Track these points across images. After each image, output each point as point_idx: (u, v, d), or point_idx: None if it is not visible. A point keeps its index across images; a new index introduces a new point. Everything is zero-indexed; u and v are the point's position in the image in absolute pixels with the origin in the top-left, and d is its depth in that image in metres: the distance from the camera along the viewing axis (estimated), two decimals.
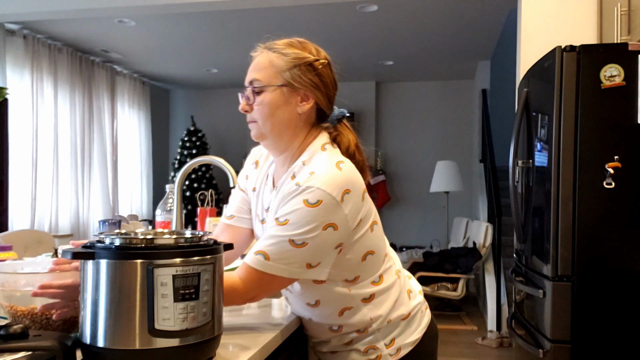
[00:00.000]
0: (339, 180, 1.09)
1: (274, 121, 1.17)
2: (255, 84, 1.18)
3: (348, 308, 1.19)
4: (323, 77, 1.20)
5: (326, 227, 1.08)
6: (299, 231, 1.07)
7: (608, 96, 2.06)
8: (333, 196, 1.07)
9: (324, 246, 1.09)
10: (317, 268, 1.11)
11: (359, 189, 1.13)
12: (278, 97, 1.16)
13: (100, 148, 6.27)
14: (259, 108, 1.17)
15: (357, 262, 1.17)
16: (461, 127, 7.36)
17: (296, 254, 1.08)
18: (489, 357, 4.06)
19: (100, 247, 0.88)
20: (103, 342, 0.86)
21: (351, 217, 1.11)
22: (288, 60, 1.17)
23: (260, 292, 1.12)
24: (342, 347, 1.25)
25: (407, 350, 1.24)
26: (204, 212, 2.37)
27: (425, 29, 5.12)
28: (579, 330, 2.07)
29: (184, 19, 4.87)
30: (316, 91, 1.18)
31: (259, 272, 1.09)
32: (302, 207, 1.07)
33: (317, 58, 1.20)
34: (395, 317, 1.23)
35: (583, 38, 2.88)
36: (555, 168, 2.11)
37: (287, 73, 1.16)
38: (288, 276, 1.09)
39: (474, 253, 4.91)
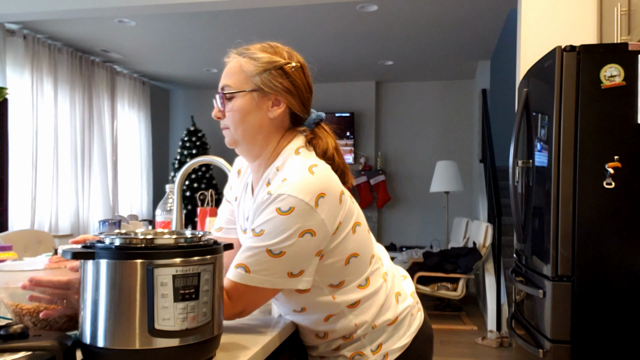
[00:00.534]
0: (312, 185, 1.07)
1: (245, 127, 1.16)
2: (225, 89, 1.17)
3: (333, 314, 1.18)
4: (295, 81, 1.17)
5: (302, 233, 1.05)
6: (274, 240, 1.05)
7: (608, 96, 2.06)
8: (306, 202, 1.05)
9: (303, 254, 1.07)
10: (299, 277, 1.09)
11: (334, 192, 1.10)
12: (248, 103, 1.15)
13: (100, 148, 6.27)
14: (230, 114, 1.16)
15: (340, 266, 1.15)
16: (461, 127, 7.36)
17: (276, 264, 1.06)
18: (489, 357, 4.06)
19: (100, 247, 0.88)
20: (103, 342, 0.86)
21: (329, 221, 1.08)
22: (258, 65, 1.16)
23: (247, 305, 1.10)
24: (330, 353, 1.24)
25: (395, 356, 1.21)
26: (204, 212, 2.37)
27: (425, 28, 5.12)
28: (578, 330, 2.07)
29: (184, 19, 4.87)
30: (288, 95, 1.16)
31: (242, 286, 1.07)
32: (275, 216, 1.05)
33: (288, 62, 1.18)
34: (381, 322, 1.20)
35: (583, 38, 2.88)
36: (555, 168, 2.11)
37: (257, 78, 1.15)
38: (271, 287, 1.07)
39: (474, 253, 4.91)
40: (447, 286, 4.97)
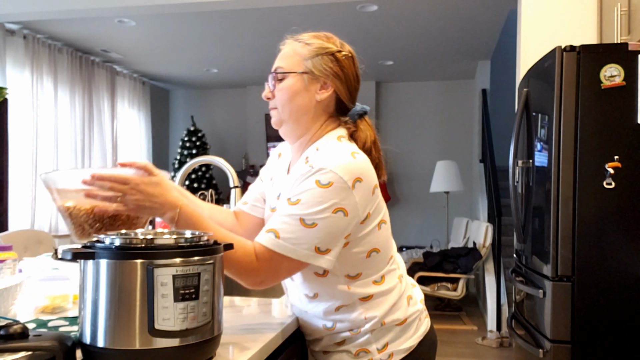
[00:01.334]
0: (352, 168, 1.10)
1: (292, 106, 1.20)
2: (278, 70, 1.22)
3: (345, 305, 1.19)
4: (344, 68, 1.22)
5: (336, 210, 1.08)
6: (309, 211, 1.07)
7: (608, 96, 2.06)
8: (345, 180, 1.08)
9: (333, 230, 1.08)
10: (325, 255, 1.09)
11: (370, 182, 1.13)
12: (298, 84, 1.19)
13: (100, 148, 6.27)
14: (280, 94, 1.21)
15: (361, 258, 1.17)
16: (461, 127, 7.36)
17: (305, 235, 1.07)
18: (489, 357, 4.06)
19: (100, 247, 0.88)
20: (103, 342, 0.86)
21: (361, 206, 1.11)
22: (311, 50, 1.20)
23: (269, 274, 1.09)
24: (334, 347, 1.24)
25: (401, 357, 1.21)
26: None
27: (425, 29, 5.12)
28: (578, 330, 2.07)
29: (184, 19, 4.87)
30: (336, 80, 1.21)
31: (270, 251, 1.08)
32: (314, 188, 1.08)
33: (339, 49, 1.23)
34: (390, 320, 1.21)
35: (583, 38, 2.88)
36: (555, 168, 2.12)
37: (309, 61, 1.20)
38: (296, 258, 1.07)
39: (474, 253, 4.91)
40: (447, 286, 4.97)
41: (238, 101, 8.02)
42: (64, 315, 1.24)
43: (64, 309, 1.29)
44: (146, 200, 1.02)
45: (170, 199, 1.05)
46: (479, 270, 5.32)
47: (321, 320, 1.22)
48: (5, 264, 1.41)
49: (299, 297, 1.25)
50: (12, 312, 1.18)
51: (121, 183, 1.00)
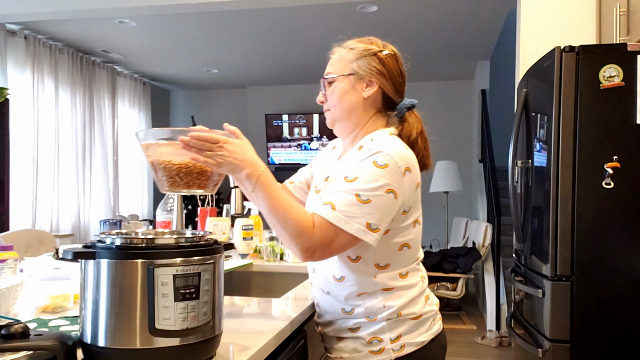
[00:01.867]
0: (405, 156, 1.20)
1: (342, 105, 1.31)
2: (327, 76, 1.34)
3: (367, 292, 1.24)
4: (387, 66, 1.31)
5: (388, 191, 1.16)
6: (365, 187, 1.14)
7: (607, 96, 2.06)
8: (399, 165, 1.17)
9: (384, 209, 1.15)
10: (374, 233, 1.14)
11: (415, 177, 1.23)
12: (346, 85, 1.30)
13: (101, 148, 6.27)
14: (331, 96, 1.32)
15: (394, 249, 1.24)
16: (461, 127, 7.36)
17: (360, 210, 1.13)
18: (489, 356, 4.06)
19: (101, 247, 0.89)
20: (104, 342, 0.87)
21: (407, 194, 1.20)
22: (355, 53, 1.31)
23: (322, 244, 1.13)
24: (347, 333, 1.28)
25: (412, 350, 1.24)
26: (204, 212, 2.38)
27: (425, 29, 5.12)
28: (578, 329, 2.08)
29: (184, 19, 4.87)
30: (380, 77, 1.30)
31: (326, 222, 1.13)
32: (371, 167, 1.16)
33: (381, 49, 1.32)
34: (407, 313, 1.25)
35: (582, 38, 2.89)
36: (555, 168, 2.12)
37: (354, 64, 1.30)
38: (349, 231, 1.12)
39: (474, 253, 4.92)
40: (447, 286, 4.97)
41: (238, 101, 8.02)
42: (64, 314, 1.24)
43: (65, 308, 1.29)
44: (230, 157, 1.08)
45: (250, 158, 1.12)
46: (479, 270, 5.32)
47: (341, 304, 1.27)
48: (6, 264, 1.41)
49: (325, 276, 1.29)
50: (13, 311, 1.18)
51: (212, 142, 1.08)
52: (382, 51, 1.31)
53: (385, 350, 1.23)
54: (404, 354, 1.24)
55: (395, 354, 1.23)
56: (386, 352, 1.23)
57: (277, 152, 7.60)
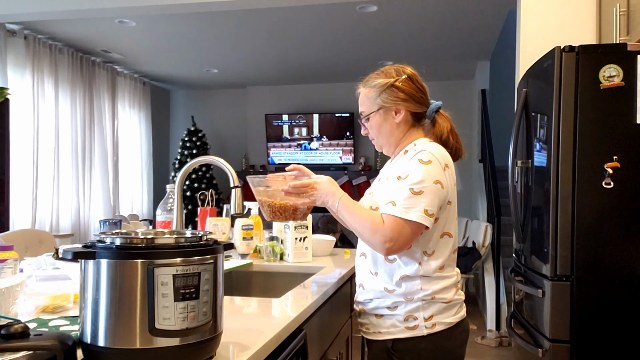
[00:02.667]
0: (443, 154, 1.46)
1: (382, 135, 1.55)
2: (362, 115, 1.57)
3: (409, 276, 1.45)
4: (405, 90, 1.51)
5: (436, 182, 1.39)
6: (416, 180, 1.38)
7: (607, 96, 2.06)
8: (439, 161, 1.42)
9: (435, 197, 1.39)
10: (430, 218, 1.38)
11: (452, 174, 1.47)
12: (379, 119, 1.53)
13: (101, 148, 6.27)
14: (371, 130, 1.56)
15: (437, 236, 1.46)
16: (461, 127, 7.26)
17: (416, 200, 1.37)
18: (488, 356, 4.06)
19: (101, 247, 0.89)
20: (104, 342, 0.87)
21: (449, 185, 1.44)
22: (376, 90, 1.52)
23: (394, 237, 1.36)
24: (385, 311, 1.48)
25: (441, 328, 1.44)
26: (204, 212, 2.38)
27: (425, 29, 5.12)
28: (578, 329, 2.08)
29: (184, 19, 4.87)
30: (404, 103, 1.51)
31: (391, 217, 1.37)
32: (417, 164, 1.41)
33: (396, 79, 1.51)
34: (439, 297, 1.45)
35: (582, 38, 2.88)
36: (555, 168, 2.12)
37: (378, 99, 1.51)
38: (412, 219, 1.35)
39: (474, 253, 4.92)
40: None
41: (238, 101, 8.02)
42: (64, 314, 1.24)
43: (65, 308, 1.29)
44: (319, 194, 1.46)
45: (332, 190, 1.46)
46: (479, 269, 5.32)
47: (385, 283, 1.48)
48: (6, 264, 1.41)
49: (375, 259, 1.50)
50: (13, 311, 1.18)
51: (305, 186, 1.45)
52: (398, 80, 1.50)
53: (419, 327, 1.43)
54: (435, 331, 1.44)
55: (428, 330, 1.43)
56: (420, 328, 1.43)
57: (277, 152, 7.60)
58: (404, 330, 1.44)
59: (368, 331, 1.54)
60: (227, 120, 8.09)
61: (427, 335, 1.43)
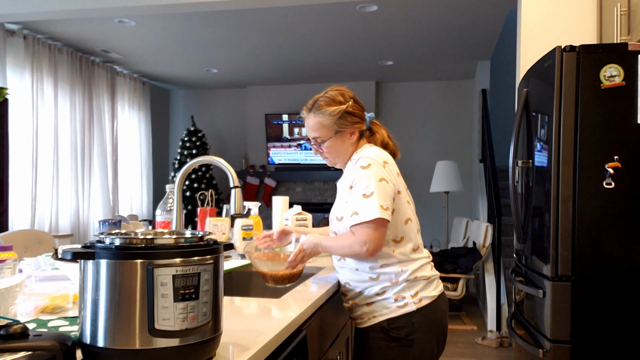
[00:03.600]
0: (381, 154, 1.63)
1: (339, 154, 1.72)
2: (318, 140, 1.70)
3: (388, 263, 1.62)
4: (355, 112, 1.69)
5: (381, 180, 1.56)
6: (364, 186, 1.56)
7: (608, 96, 2.06)
8: (377, 161, 1.60)
9: (385, 193, 1.56)
10: (387, 211, 1.54)
11: (394, 167, 1.65)
12: (336, 141, 1.69)
13: (100, 148, 6.27)
14: (327, 151, 1.71)
15: (401, 222, 1.63)
16: (461, 127, 7.36)
17: (370, 202, 1.54)
18: (489, 357, 4.06)
19: (101, 247, 0.88)
20: (103, 342, 0.86)
21: (393, 179, 1.60)
22: (331, 117, 1.66)
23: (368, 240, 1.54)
24: (375, 297, 1.63)
25: (427, 302, 1.62)
26: (204, 212, 2.38)
27: (425, 29, 5.12)
28: (578, 330, 2.08)
29: (184, 19, 4.87)
30: (356, 124, 1.69)
31: (357, 225, 1.55)
32: (359, 171, 1.59)
33: (346, 104, 1.67)
34: (420, 275, 1.63)
35: (583, 38, 2.88)
36: (555, 168, 2.12)
37: (334, 125, 1.67)
38: (374, 217, 1.52)
39: (474, 253, 4.91)
40: (447, 286, 4.97)
41: (238, 101, 8.02)
42: (64, 315, 1.24)
43: (64, 309, 1.29)
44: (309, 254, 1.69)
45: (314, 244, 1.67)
46: (479, 270, 5.32)
47: (368, 273, 1.63)
48: (5, 264, 1.41)
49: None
50: (12, 312, 1.18)
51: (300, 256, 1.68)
52: (347, 103, 1.67)
53: (408, 304, 1.60)
54: (422, 305, 1.61)
55: (416, 305, 1.60)
56: (409, 305, 1.60)
57: (277, 152, 7.60)
58: (396, 310, 1.60)
59: (363, 320, 1.67)
60: (226, 120, 8.08)
61: (416, 310, 1.60)
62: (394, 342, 1.60)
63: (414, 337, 1.59)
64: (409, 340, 1.59)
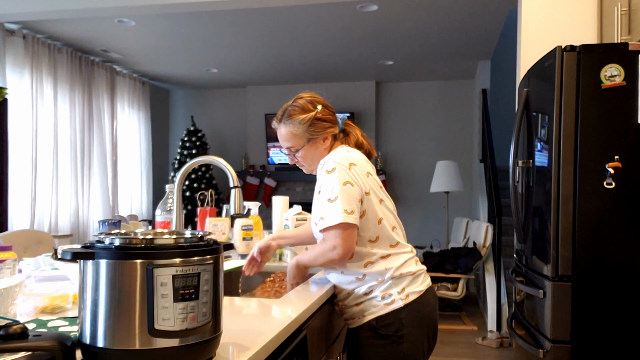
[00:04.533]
0: (346, 157, 1.61)
1: (313, 160, 1.71)
2: (292, 149, 1.71)
3: (370, 262, 1.62)
4: (325, 117, 1.69)
5: (345, 183, 1.55)
6: (328, 190, 1.56)
7: (608, 96, 2.05)
8: (342, 164, 1.58)
9: (349, 197, 1.55)
10: (352, 215, 1.54)
11: (363, 168, 1.62)
12: (310, 149, 1.70)
13: (100, 148, 6.27)
14: (303, 159, 1.72)
15: (374, 223, 1.62)
16: (461, 127, 7.36)
17: (334, 207, 1.54)
18: (489, 357, 4.06)
19: (100, 247, 0.88)
20: (103, 342, 0.86)
21: (360, 181, 1.58)
22: (301, 126, 1.66)
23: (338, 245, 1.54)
24: (363, 297, 1.63)
25: (414, 297, 1.62)
26: (204, 212, 2.37)
27: (425, 29, 5.12)
28: (579, 330, 2.07)
29: (184, 19, 4.87)
30: (328, 129, 1.69)
31: (326, 230, 1.56)
32: (324, 176, 1.58)
33: (315, 111, 1.67)
34: (405, 272, 1.63)
35: (583, 38, 2.88)
36: (556, 168, 2.11)
37: (306, 133, 1.67)
38: (339, 221, 1.52)
39: (474, 253, 4.91)
40: (447, 286, 4.97)
41: (238, 101, 8.02)
42: (63, 315, 1.24)
43: (64, 309, 1.29)
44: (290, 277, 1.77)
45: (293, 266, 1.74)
46: (479, 270, 5.32)
47: (354, 274, 1.64)
48: (4, 264, 1.40)
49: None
50: (11, 312, 1.18)
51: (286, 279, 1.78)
52: (316, 110, 1.67)
53: (395, 301, 1.60)
54: (409, 301, 1.61)
55: (403, 301, 1.60)
56: (396, 302, 1.60)
57: (277, 152, 7.59)
58: (384, 307, 1.61)
59: (355, 320, 1.68)
60: (226, 120, 8.08)
61: (404, 306, 1.60)
62: (383, 340, 1.61)
63: (403, 333, 1.60)
64: (398, 336, 1.60)
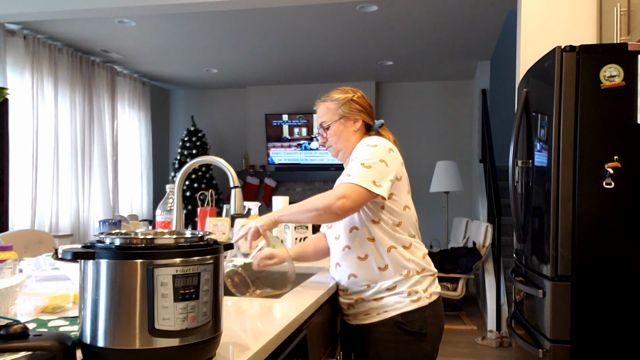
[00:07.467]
0: (387, 142, 1.72)
1: (341, 141, 1.79)
2: (323, 124, 1.80)
3: (394, 247, 1.66)
4: (361, 104, 1.80)
5: (381, 160, 1.64)
6: (365, 158, 1.63)
7: (608, 96, 2.06)
8: (384, 145, 1.68)
9: (382, 172, 1.62)
10: (379, 188, 1.59)
11: (398, 156, 1.72)
12: (339, 126, 1.78)
13: (100, 148, 6.27)
14: (331, 137, 1.80)
15: (399, 208, 1.69)
16: (461, 127, 7.36)
17: (366, 172, 1.60)
18: (489, 357, 4.06)
19: (101, 247, 0.88)
20: (103, 342, 0.86)
21: (395, 165, 1.67)
22: (337, 103, 1.79)
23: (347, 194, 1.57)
24: (386, 293, 1.66)
25: (435, 297, 1.70)
26: (204, 212, 2.38)
27: (425, 29, 5.12)
28: (578, 330, 2.08)
29: (184, 19, 4.87)
30: (361, 113, 1.79)
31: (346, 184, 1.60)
32: (366, 147, 1.67)
33: (354, 94, 1.80)
34: (427, 271, 1.71)
35: (583, 38, 2.88)
36: (555, 168, 2.12)
37: (339, 110, 1.78)
38: (363, 185, 1.58)
39: (474, 253, 4.91)
40: (447, 286, 4.97)
41: (238, 101, 8.02)
42: (64, 315, 1.24)
43: (64, 308, 1.29)
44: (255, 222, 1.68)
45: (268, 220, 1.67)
46: (479, 270, 5.32)
47: (377, 262, 1.67)
48: (5, 264, 1.41)
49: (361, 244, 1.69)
50: (12, 312, 1.18)
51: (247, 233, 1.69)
52: (355, 95, 1.79)
53: (422, 299, 1.66)
54: (432, 300, 1.68)
55: (428, 300, 1.67)
56: (422, 300, 1.66)
57: (277, 152, 7.60)
58: (410, 304, 1.65)
59: (369, 316, 1.69)
60: (227, 120, 8.08)
61: (428, 304, 1.67)
62: (408, 336, 1.64)
63: (426, 331, 1.65)
64: (422, 334, 1.64)
